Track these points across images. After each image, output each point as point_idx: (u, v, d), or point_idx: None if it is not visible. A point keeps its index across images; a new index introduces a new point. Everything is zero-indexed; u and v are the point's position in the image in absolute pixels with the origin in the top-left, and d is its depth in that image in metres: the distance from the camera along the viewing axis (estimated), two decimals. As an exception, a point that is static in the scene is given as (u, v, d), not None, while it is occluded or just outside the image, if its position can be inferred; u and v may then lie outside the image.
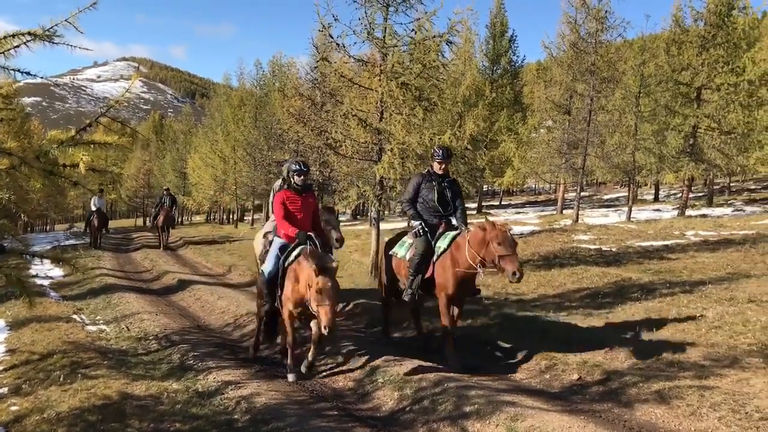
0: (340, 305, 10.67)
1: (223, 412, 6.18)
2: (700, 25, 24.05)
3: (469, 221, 8.28)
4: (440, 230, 7.90)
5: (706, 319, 8.48)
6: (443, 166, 8.17)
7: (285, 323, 7.48)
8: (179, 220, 53.76)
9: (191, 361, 8.04)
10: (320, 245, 7.51)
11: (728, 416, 5.28)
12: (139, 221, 64.56)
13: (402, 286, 8.31)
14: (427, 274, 7.76)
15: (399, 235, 8.77)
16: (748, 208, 27.55)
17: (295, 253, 7.40)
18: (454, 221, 8.07)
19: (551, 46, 27.96)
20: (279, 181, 10.35)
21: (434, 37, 13.35)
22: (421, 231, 7.86)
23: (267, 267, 7.74)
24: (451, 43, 13.72)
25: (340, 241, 8.52)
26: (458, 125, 30.45)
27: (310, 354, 7.45)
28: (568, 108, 27.04)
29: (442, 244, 7.71)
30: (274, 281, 7.60)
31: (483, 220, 7.31)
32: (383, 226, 24.14)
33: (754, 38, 25.04)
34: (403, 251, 8.20)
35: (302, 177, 7.75)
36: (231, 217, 51.71)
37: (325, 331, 6.30)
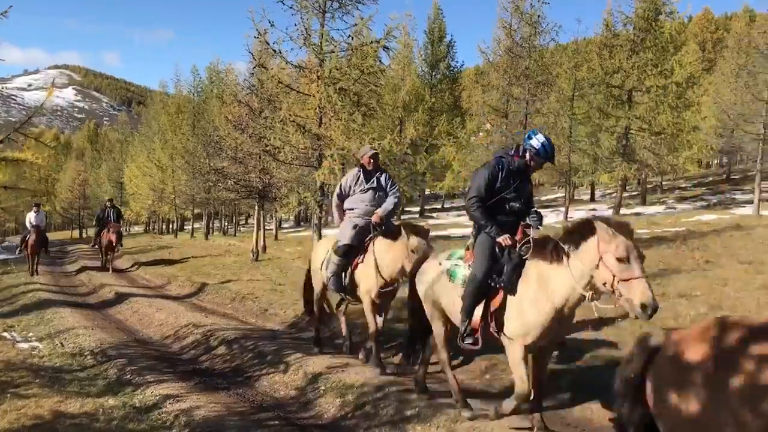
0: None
1: (162, 427, 6.05)
2: (629, 29, 24.82)
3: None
4: None
5: (640, 314, 8.71)
6: None
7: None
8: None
9: (128, 376, 7.85)
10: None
11: (660, 409, 5.44)
12: (75, 233, 62.73)
13: None
14: None
15: None
16: (680, 206, 28.57)
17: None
18: None
19: (488, 51, 28.46)
20: (354, 171, 8.14)
21: (371, 42, 13.42)
22: None
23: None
24: (388, 48, 13.81)
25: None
26: (398, 130, 30.90)
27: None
28: (505, 112, 27.51)
29: None
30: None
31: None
32: (326, 232, 24.09)
33: (680, 42, 25.98)
34: None
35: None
36: (170, 226, 50.75)
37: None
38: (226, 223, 47.97)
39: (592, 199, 38.76)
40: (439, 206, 49.90)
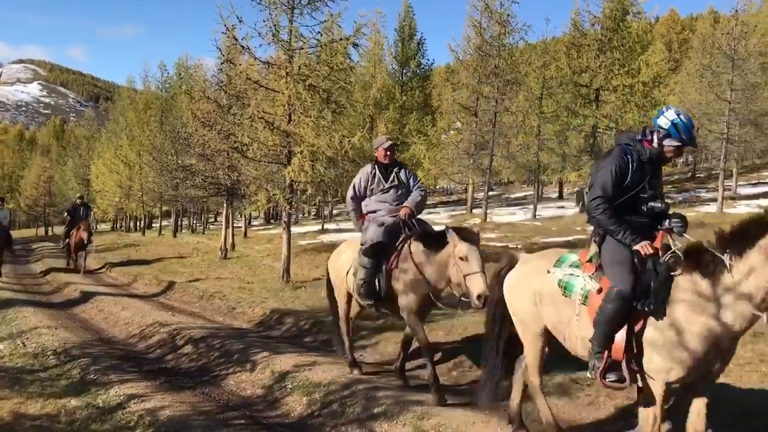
0: None
1: (125, 427, 5.95)
2: (597, 29, 25.13)
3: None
4: None
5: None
6: None
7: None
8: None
9: (92, 376, 7.71)
10: None
11: (624, 404, 5.51)
12: (41, 231, 61.66)
13: None
14: None
15: None
16: (646, 204, 28.94)
17: None
18: None
19: (458, 50, 28.61)
20: (367, 168, 7.13)
21: (341, 39, 13.36)
22: None
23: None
24: (357, 45, 13.78)
25: (482, 297, 5.54)
26: (369, 127, 30.85)
27: None
28: (475, 110, 27.65)
29: None
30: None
31: None
32: (295, 230, 24.01)
33: (647, 42, 26.38)
34: None
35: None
36: (138, 224, 50.11)
37: None
38: (194, 221, 47.52)
39: (561, 197, 39.10)
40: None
